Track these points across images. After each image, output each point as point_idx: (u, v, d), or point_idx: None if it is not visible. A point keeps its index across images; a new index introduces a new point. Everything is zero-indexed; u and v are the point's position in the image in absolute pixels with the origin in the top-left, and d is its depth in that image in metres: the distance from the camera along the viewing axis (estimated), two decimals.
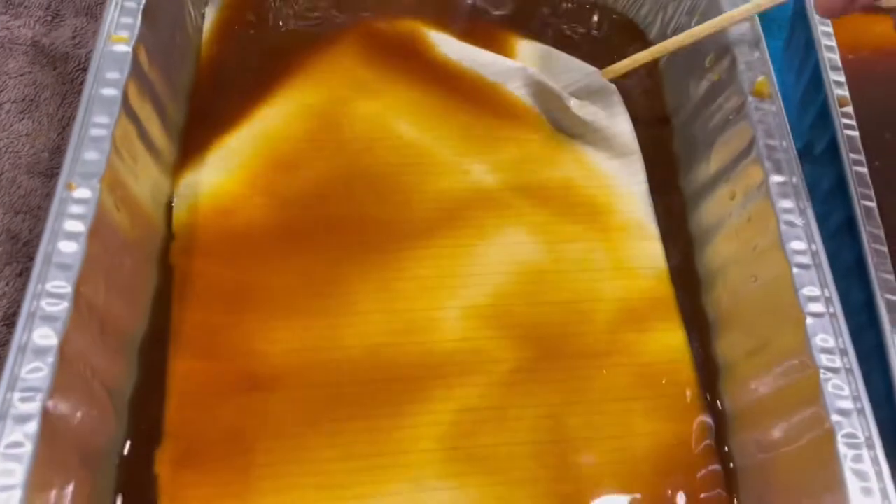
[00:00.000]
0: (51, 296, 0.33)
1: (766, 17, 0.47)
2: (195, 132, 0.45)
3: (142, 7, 0.41)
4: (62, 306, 0.33)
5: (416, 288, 0.41)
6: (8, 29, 0.50)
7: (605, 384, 0.40)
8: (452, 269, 0.42)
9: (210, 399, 0.37)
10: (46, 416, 0.30)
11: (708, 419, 0.40)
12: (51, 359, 0.31)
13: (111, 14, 0.41)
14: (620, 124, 0.47)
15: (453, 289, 0.41)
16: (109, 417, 0.35)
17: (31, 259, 0.43)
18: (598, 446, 0.38)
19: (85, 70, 0.50)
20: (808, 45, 0.50)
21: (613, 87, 0.47)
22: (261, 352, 0.38)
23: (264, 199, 0.43)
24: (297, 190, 0.43)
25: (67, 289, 0.33)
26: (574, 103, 0.46)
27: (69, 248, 0.34)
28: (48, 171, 0.46)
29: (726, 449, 0.39)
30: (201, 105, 0.47)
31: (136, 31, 0.40)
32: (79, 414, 0.33)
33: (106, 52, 0.39)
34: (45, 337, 0.32)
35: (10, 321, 0.41)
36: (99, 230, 0.35)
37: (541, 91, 0.47)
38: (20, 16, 0.51)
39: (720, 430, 0.40)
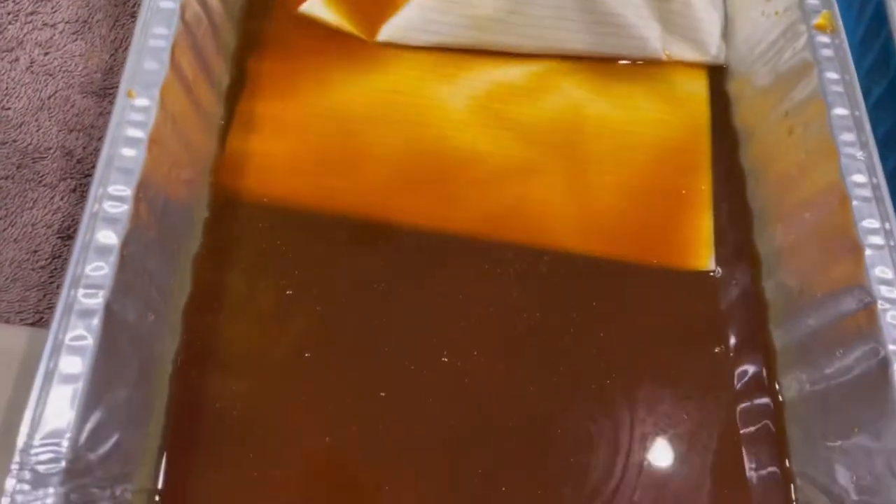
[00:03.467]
0: (112, 199, 0.33)
1: None
2: (246, 57, 0.46)
3: None
4: (123, 209, 0.33)
5: None
6: None
7: None
8: None
9: None
10: (109, 313, 0.31)
11: None
12: (112, 258, 0.32)
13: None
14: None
15: None
16: (165, 325, 0.36)
17: (86, 175, 0.43)
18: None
19: None
20: None
21: None
22: None
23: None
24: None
25: (127, 192, 0.33)
26: None
27: (130, 153, 0.34)
28: (101, 91, 0.46)
29: (776, 385, 0.39)
30: (252, 30, 0.47)
31: None
32: (137, 316, 0.33)
33: None
34: (107, 237, 0.32)
35: (65, 234, 0.41)
36: (158, 139, 0.35)
37: None
38: None
39: (770, 367, 0.40)
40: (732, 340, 0.40)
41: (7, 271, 0.40)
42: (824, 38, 0.42)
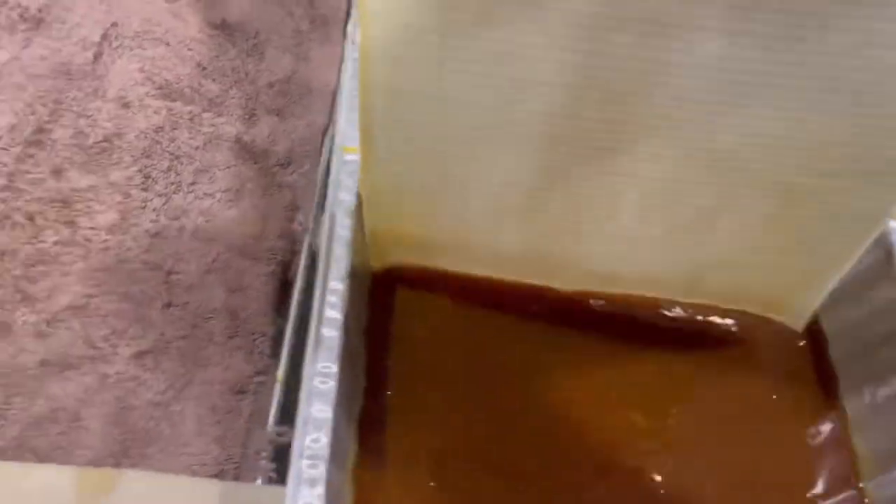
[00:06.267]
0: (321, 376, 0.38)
1: None
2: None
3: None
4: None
5: None
6: (214, 126, 0.57)
7: None
8: None
9: None
10: (330, 482, 0.36)
11: None
12: (325, 430, 0.37)
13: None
14: None
15: None
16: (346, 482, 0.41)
17: (250, 333, 0.49)
18: None
19: (281, 165, 0.56)
20: None
21: None
22: None
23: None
24: None
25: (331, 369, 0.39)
26: None
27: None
28: (254, 254, 0.52)
29: None
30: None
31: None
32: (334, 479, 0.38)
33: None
34: (321, 411, 0.37)
35: (236, 389, 0.46)
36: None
37: None
38: (222, 114, 0.58)
39: None
40: None
41: (190, 426, 0.44)
42: None
